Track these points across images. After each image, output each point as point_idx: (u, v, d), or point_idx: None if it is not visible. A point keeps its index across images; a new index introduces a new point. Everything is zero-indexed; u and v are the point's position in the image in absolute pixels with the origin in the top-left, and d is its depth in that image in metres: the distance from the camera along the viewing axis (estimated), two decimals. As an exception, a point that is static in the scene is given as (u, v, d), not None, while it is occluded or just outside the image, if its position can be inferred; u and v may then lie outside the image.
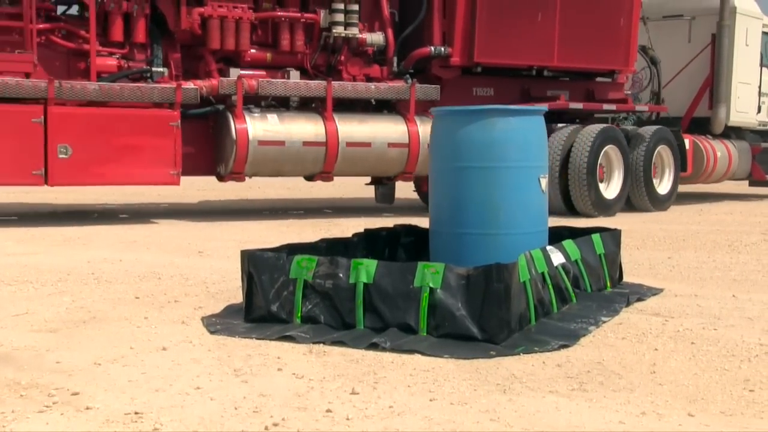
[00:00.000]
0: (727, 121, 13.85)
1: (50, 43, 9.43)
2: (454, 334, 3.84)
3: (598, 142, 11.05)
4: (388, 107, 10.87)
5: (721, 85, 13.62)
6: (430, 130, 5.28)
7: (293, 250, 4.53)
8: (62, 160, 8.92)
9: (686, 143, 12.88)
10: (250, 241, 7.63)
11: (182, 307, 4.67)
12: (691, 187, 14.06)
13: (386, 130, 10.51)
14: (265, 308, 4.18)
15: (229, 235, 8.36)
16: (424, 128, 10.35)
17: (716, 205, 13.60)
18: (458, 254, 4.63)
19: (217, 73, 9.96)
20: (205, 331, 4.08)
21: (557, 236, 5.05)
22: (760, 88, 14.60)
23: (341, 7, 10.39)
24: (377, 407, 2.94)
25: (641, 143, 11.87)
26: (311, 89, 10.14)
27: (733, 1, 13.61)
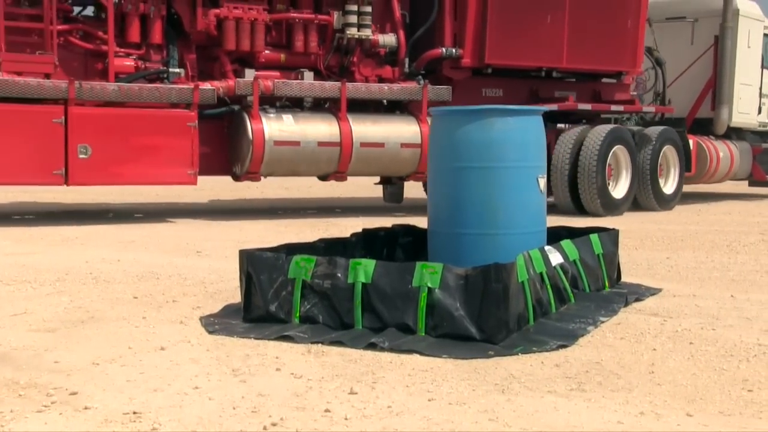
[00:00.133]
0: (729, 122, 13.94)
1: (68, 44, 9.50)
2: (452, 334, 3.84)
3: (607, 142, 11.12)
4: (400, 108, 10.94)
5: (723, 86, 13.69)
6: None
7: (292, 250, 4.53)
8: (82, 160, 9.01)
9: (690, 144, 12.96)
10: (248, 241, 7.63)
11: (180, 306, 4.67)
12: (690, 186, 14.13)
13: (399, 130, 10.56)
14: (263, 308, 4.18)
15: (227, 235, 8.36)
16: None
17: (715, 205, 13.61)
18: (456, 254, 4.63)
19: (232, 73, 10.04)
20: (203, 330, 4.08)
21: (555, 236, 5.06)
22: (761, 89, 14.68)
23: (354, 8, 10.48)
24: (376, 407, 2.94)
25: (648, 144, 11.95)
26: (326, 90, 10.22)
27: (735, 3, 13.69)
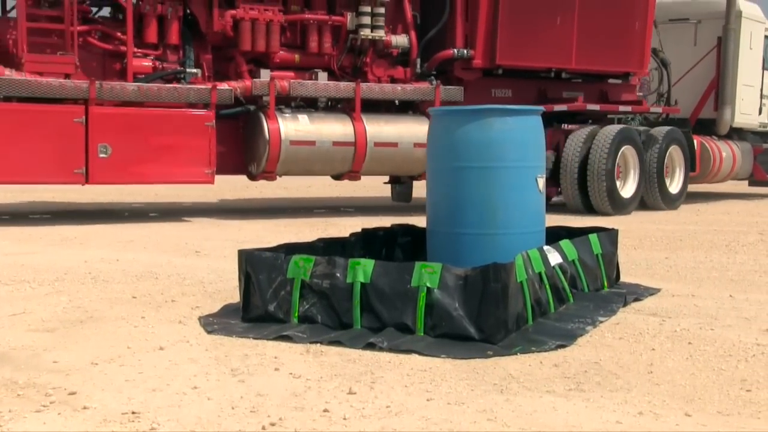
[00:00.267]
0: (731, 122, 14.05)
1: (87, 44, 9.58)
2: (451, 334, 3.84)
3: (616, 142, 11.25)
4: (412, 108, 11.02)
5: (726, 87, 13.80)
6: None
7: (291, 249, 4.53)
8: (102, 159, 9.12)
9: (694, 144, 13.07)
10: (247, 240, 7.63)
11: (179, 306, 4.67)
12: (690, 186, 14.18)
13: (412, 130, 10.63)
14: (262, 308, 4.18)
15: (226, 234, 8.36)
16: None
17: (713, 205, 13.62)
18: (455, 254, 4.63)
19: (247, 74, 10.14)
20: (202, 330, 4.08)
21: (554, 236, 5.06)
22: (761, 90, 14.81)
23: (368, 9, 10.62)
24: (374, 407, 2.94)
25: (654, 144, 12.06)
26: (340, 90, 10.36)
27: (738, 5, 13.80)
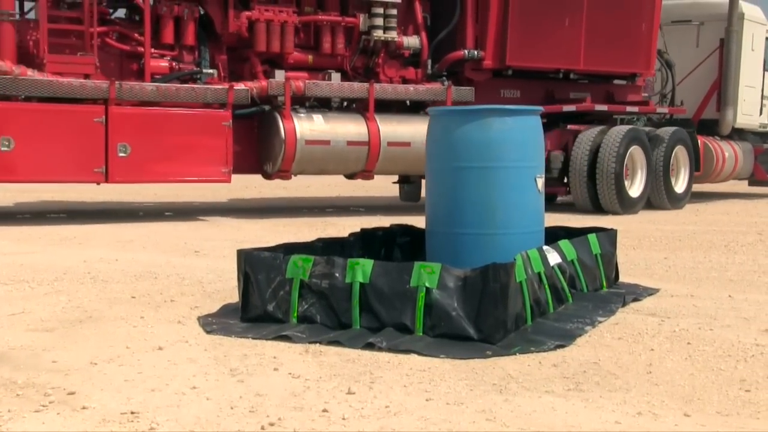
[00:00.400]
0: (734, 123, 14.19)
1: (104, 45, 9.66)
2: (450, 334, 3.84)
3: (624, 143, 11.37)
4: (423, 108, 11.10)
5: (729, 88, 13.95)
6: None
7: (290, 249, 4.53)
8: (122, 158, 9.24)
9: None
10: (246, 240, 7.62)
11: (178, 306, 4.67)
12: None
13: (424, 130, 10.62)
14: (261, 308, 4.18)
15: (225, 234, 8.36)
16: None
17: (713, 205, 13.63)
18: (454, 254, 4.63)
19: (262, 74, 10.27)
20: (201, 330, 4.08)
21: (553, 236, 5.06)
22: (762, 91, 14.97)
23: (380, 11, 10.76)
24: (373, 407, 2.94)
25: (660, 144, 12.18)
26: (354, 90, 10.51)
27: (741, 7, 13.96)
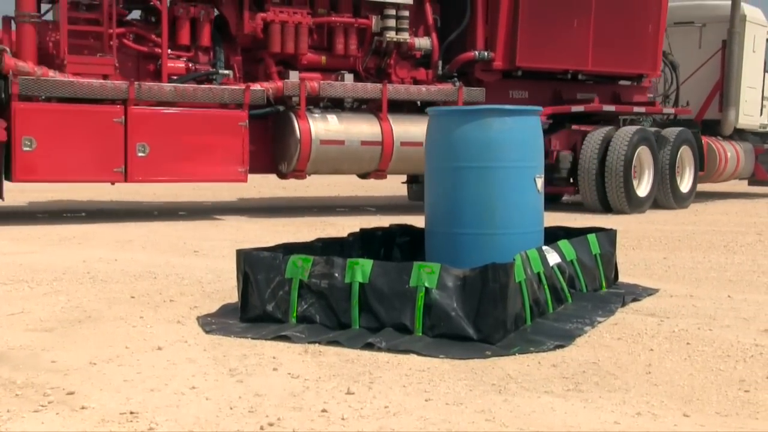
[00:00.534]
0: (736, 123, 14.34)
1: (122, 46, 9.74)
2: (449, 334, 3.84)
3: (633, 143, 11.53)
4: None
5: (731, 89, 14.08)
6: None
7: (289, 249, 4.53)
8: (140, 158, 9.35)
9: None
10: (245, 240, 7.62)
11: (178, 306, 4.66)
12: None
13: None
14: (260, 308, 4.18)
15: (224, 234, 8.36)
16: None
17: (712, 205, 13.63)
18: (454, 254, 4.63)
19: (276, 75, 10.38)
20: (200, 330, 4.08)
21: (552, 236, 5.06)
22: (763, 92, 15.13)
23: (393, 12, 10.89)
24: (372, 407, 2.94)
25: (666, 144, 12.35)
26: (368, 91, 10.67)
27: (743, 9, 14.09)
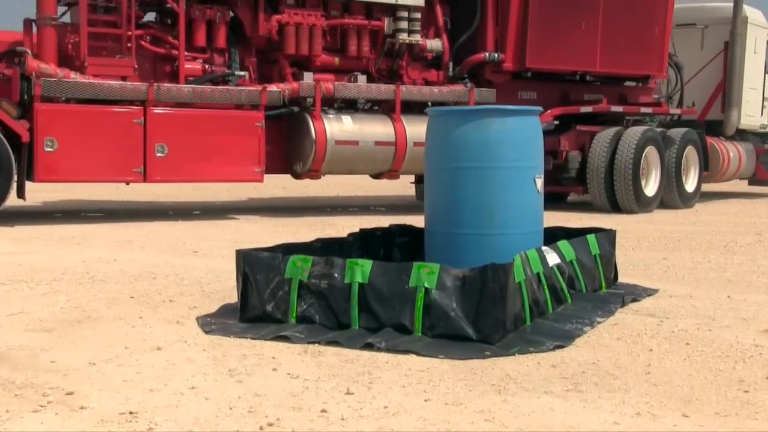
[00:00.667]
0: (738, 123, 14.47)
1: (139, 47, 9.82)
2: (449, 334, 3.84)
3: (641, 143, 11.67)
4: None
5: (733, 90, 14.20)
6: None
7: (288, 250, 4.53)
8: (159, 158, 9.45)
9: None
10: (245, 240, 7.62)
11: (177, 306, 4.66)
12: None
13: None
14: (260, 308, 4.18)
15: (223, 234, 8.36)
16: None
17: (711, 205, 13.64)
18: (453, 254, 4.63)
19: (291, 76, 10.47)
20: (200, 330, 4.08)
21: (552, 237, 5.06)
22: (763, 93, 15.29)
23: (405, 15, 11.00)
24: (372, 407, 2.94)
25: (672, 144, 12.50)
26: (381, 92, 10.80)
27: (744, 11, 14.21)
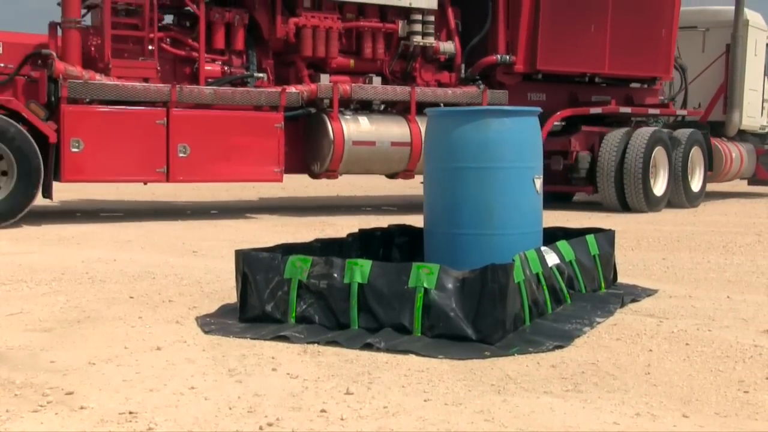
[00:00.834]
0: (740, 124, 14.61)
1: (160, 50, 9.91)
2: (448, 334, 3.84)
3: (650, 144, 11.84)
4: None
5: (735, 91, 14.33)
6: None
7: (288, 250, 4.53)
8: (182, 158, 9.58)
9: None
10: (244, 240, 7.62)
11: (177, 306, 4.66)
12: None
13: None
14: (259, 308, 4.18)
15: (223, 234, 8.36)
16: None
17: (711, 205, 13.64)
18: (453, 254, 4.63)
19: (308, 78, 10.59)
20: (199, 330, 4.08)
21: (551, 237, 5.05)
22: (763, 94, 15.49)
23: (419, 18, 11.13)
24: (371, 407, 2.94)
25: (679, 145, 12.65)
26: (397, 94, 10.98)
27: (745, 14, 14.37)
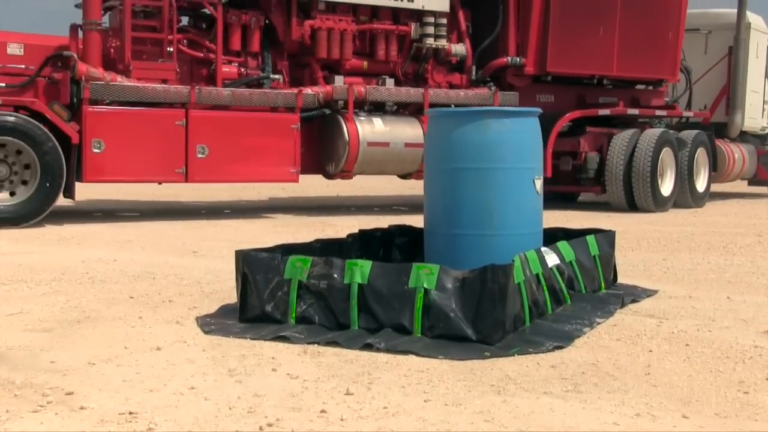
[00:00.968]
0: (742, 126, 14.74)
1: (178, 51, 9.99)
2: (448, 335, 3.84)
3: (658, 145, 11.98)
4: None
5: (737, 93, 14.46)
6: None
7: (288, 250, 4.53)
8: (200, 159, 9.69)
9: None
10: (244, 241, 7.62)
11: (177, 306, 4.67)
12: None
13: None
14: (259, 308, 4.18)
15: (223, 235, 8.36)
16: None
17: (711, 206, 13.64)
18: (452, 255, 4.63)
19: (322, 80, 10.70)
20: (199, 331, 4.08)
21: (551, 237, 5.06)
22: (764, 95, 15.63)
23: (431, 20, 11.25)
24: (371, 408, 2.94)
25: (685, 146, 12.77)
26: (411, 95, 11.12)
27: (747, 17, 14.47)
